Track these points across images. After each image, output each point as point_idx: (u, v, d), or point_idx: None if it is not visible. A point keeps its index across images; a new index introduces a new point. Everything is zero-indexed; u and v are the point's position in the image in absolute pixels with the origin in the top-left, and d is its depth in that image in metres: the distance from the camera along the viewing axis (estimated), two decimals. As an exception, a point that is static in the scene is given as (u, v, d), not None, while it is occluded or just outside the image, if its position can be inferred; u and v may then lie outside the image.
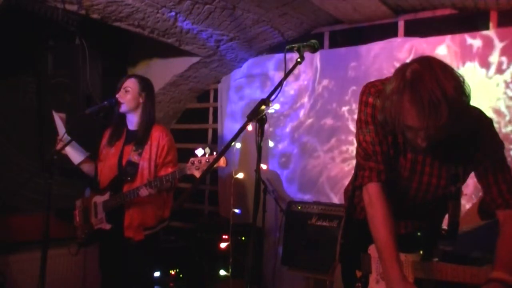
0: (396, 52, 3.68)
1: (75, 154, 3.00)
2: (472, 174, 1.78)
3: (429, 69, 1.47)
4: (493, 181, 1.70)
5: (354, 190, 1.92)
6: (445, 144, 1.59)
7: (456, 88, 1.44)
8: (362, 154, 1.76)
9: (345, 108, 3.94)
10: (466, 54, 3.39)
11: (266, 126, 1.70)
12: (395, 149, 1.75)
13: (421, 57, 1.55)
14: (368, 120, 1.72)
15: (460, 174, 1.74)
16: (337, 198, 3.87)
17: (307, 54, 1.85)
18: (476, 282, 1.62)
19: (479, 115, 1.72)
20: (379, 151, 1.72)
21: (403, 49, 3.65)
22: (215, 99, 4.88)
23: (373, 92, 1.71)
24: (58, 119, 2.99)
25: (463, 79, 1.49)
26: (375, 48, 3.81)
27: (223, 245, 3.83)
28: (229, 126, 4.63)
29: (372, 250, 1.81)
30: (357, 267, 1.86)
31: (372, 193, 1.73)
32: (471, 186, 3.03)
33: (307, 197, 4.05)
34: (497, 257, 1.61)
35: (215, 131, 4.89)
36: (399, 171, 1.76)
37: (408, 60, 1.60)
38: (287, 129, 4.27)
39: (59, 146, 2.85)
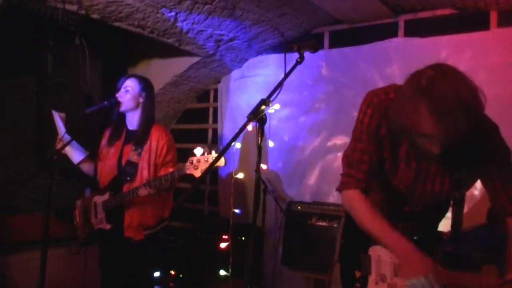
0: (396, 52, 3.68)
1: (74, 154, 3.00)
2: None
3: (445, 76, 1.45)
4: (502, 188, 1.69)
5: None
6: (452, 151, 1.58)
7: (472, 94, 1.43)
8: (346, 161, 1.78)
9: (345, 107, 3.94)
10: (466, 54, 3.39)
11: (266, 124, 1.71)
12: (395, 159, 1.74)
13: (434, 64, 1.54)
14: (363, 129, 1.73)
15: (464, 180, 1.74)
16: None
17: (309, 54, 1.85)
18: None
19: (486, 121, 1.70)
20: (366, 160, 1.72)
21: (403, 49, 3.65)
22: (215, 99, 4.88)
23: (375, 102, 1.71)
24: (58, 119, 2.99)
25: (476, 86, 1.47)
26: (375, 48, 3.81)
27: (223, 245, 3.83)
28: (229, 126, 4.63)
29: (372, 251, 1.81)
30: (356, 267, 1.86)
31: (351, 198, 1.75)
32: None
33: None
34: (510, 259, 1.62)
35: (215, 131, 4.88)
36: (401, 180, 1.76)
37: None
38: (288, 128, 4.27)
39: (59, 146, 2.85)
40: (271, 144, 4.29)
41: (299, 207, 3.74)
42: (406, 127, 1.52)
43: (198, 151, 2.62)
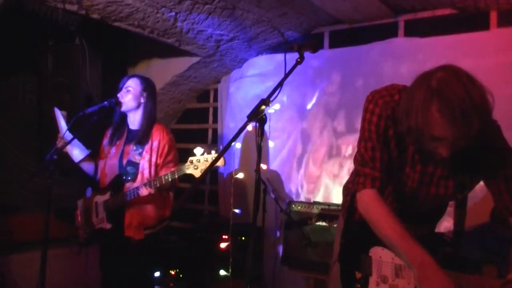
0: (396, 52, 3.68)
1: (75, 152, 3.00)
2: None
3: (456, 77, 1.44)
4: (505, 188, 1.68)
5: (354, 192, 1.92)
6: (458, 153, 1.56)
7: (482, 96, 1.42)
8: (359, 159, 1.76)
9: (346, 107, 3.94)
10: (466, 54, 3.39)
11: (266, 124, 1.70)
12: (401, 161, 1.73)
13: (444, 66, 1.52)
14: (371, 128, 1.71)
15: (467, 182, 1.73)
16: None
17: (308, 54, 1.85)
18: None
19: (491, 122, 1.68)
20: (378, 157, 1.70)
21: (403, 49, 3.65)
22: (215, 99, 4.88)
23: (380, 104, 1.69)
24: (60, 116, 2.99)
25: (485, 87, 1.46)
26: (375, 48, 3.81)
27: (223, 245, 3.83)
28: (229, 126, 4.63)
29: (373, 252, 1.80)
30: (356, 268, 1.86)
31: (366, 199, 1.71)
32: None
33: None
34: None
35: (215, 131, 4.89)
36: (406, 183, 1.75)
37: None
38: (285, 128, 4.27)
39: (60, 144, 2.84)
40: (271, 144, 4.29)
41: (299, 207, 3.74)
42: (415, 129, 1.49)
43: (198, 151, 2.63)
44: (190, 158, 2.63)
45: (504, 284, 1.56)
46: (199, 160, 2.60)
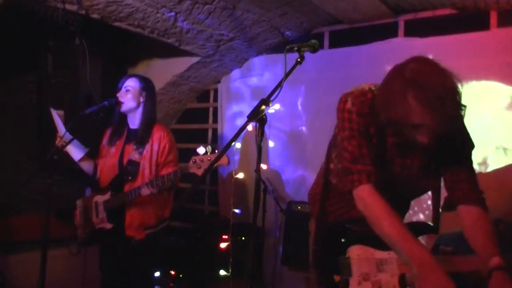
0: (396, 52, 3.68)
1: (74, 151, 3.00)
2: None
3: (428, 66, 1.52)
4: (466, 177, 1.73)
5: (325, 195, 1.94)
6: (438, 140, 1.60)
7: (453, 81, 1.50)
8: (349, 157, 1.73)
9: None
10: (466, 54, 3.39)
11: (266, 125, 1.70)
12: (382, 156, 1.75)
13: (415, 57, 1.61)
14: (353, 127, 1.72)
15: (440, 169, 1.78)
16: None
17: (308, 54, 1.85)
18: (471, 268, 1.62)
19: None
20: (366, 153, 1.71)
21: (403, 49, 3.65)
22: (215, 99, 4.88)
23: (356, 103, 1.73)
24: (57, 117, 2.99)
25: (454, 72, 1.53)
26: (375, 48, 3.81)
27: (223, 245, 3.83)
28: (229, 126, 4.63)
29: (351, 252, 1.78)
30: (334, 272, 1.81)
31: (365, 195, 1.70)
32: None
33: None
34: (486, 246, 1.61)
35: (215, 131, 4.89)
36: (387, 177, 1.76)
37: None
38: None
39: (59, 144, 2.83)
40: (271, 144, 4.29)
41: (299, 207, 3.74)
42: (396, 120, 1.55)
43: (201, 150, 2.62)
44: (193, 158, 2.62)
45: (490, 272, 1.53)
46: (202, 160, 2.60)
